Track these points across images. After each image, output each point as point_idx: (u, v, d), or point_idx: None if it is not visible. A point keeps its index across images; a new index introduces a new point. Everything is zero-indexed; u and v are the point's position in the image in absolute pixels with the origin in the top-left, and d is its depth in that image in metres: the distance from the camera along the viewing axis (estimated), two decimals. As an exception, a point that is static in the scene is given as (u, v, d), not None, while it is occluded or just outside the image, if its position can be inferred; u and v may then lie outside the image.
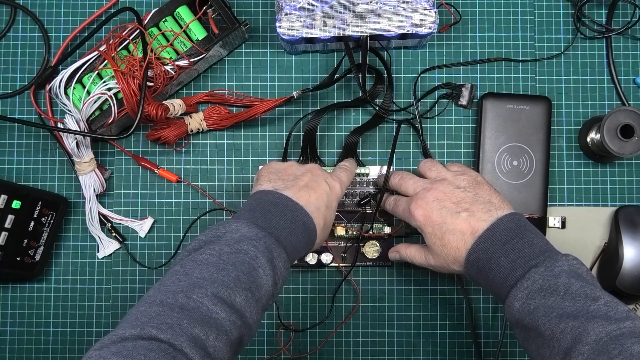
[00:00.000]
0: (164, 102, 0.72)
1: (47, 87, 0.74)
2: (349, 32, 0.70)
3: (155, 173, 0.76)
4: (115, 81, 0.70)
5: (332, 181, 0.66)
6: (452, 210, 0.62)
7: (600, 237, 0.75)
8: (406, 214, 0.65)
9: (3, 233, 0.68)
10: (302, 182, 0.63)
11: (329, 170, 0.71)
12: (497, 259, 0.58)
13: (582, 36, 0.77)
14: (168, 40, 0.73)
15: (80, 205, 0.76)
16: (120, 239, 0.75)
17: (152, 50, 0.71)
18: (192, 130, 0.74)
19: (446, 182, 0.64)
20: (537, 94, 0.76)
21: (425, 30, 0.71)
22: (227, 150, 0.76)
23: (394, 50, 0.77)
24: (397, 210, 0.67)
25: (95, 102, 0.71)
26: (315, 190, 0.63)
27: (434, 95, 0.76)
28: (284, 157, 0.75)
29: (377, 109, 0.75)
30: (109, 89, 0.71)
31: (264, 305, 0.56)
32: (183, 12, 0.73)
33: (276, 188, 0.62)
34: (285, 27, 0.70)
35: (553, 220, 0.75)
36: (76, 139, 0.70)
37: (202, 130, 0.75)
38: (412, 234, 0.74)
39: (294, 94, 0.73)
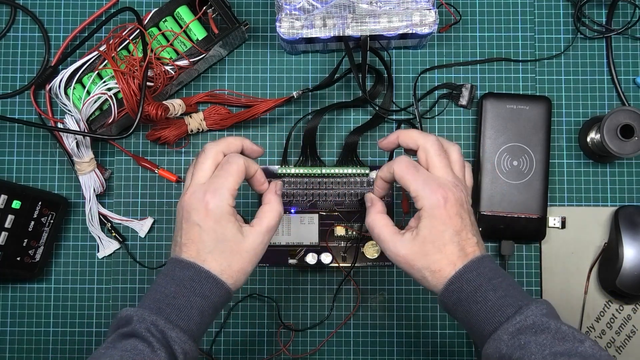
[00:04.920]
0: (164, 102, 0.72)
1: (47, 87, 0.74)
2: (349, 32, 0.70)
3: (155, 173, 0.76)
4: (115, 81, 0.70)
5: None
6: (469, 225, 0.57)
7: (600, 237, 0.75)
8: (425, 187, 0.56)
9: (3, 233, 0.68)
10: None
11: (333, 170, 0.71)
12: (484, 293, 0.55)
13: (582, 36, 0.77)
14: (168, 40, 0.73)
15: (80, 205, 0.76)
16: (120, 239, 0.75)
17: (152, 50, 0.71)
18: (192, 130, 0.74)
19: (464, 191, 0.58)
20: (537, 94, 0.76)
21: (425, 30, 0.70)
22: (227, 150, 0.76)
23: (394, 50, 0.77)
24: (406, 170, 0.57)
25: (95, 102, 0.71)
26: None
27: (434, 95, 0.76)
28: (284, 158, 0.75)
29: (377, 109, 0.75)
30: (109, 89, 0.71)
31: None
32: (183, 12, 0.73)
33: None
34: (285, 27, 0.70)
35: (553, 220, 0.75)
36: (76, 139, 0.70)
37: (202, 130, 0.75)
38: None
39: (294, 94, 0.73)
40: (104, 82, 0.71)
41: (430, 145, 0.58)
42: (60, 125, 0.71)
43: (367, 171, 0.74)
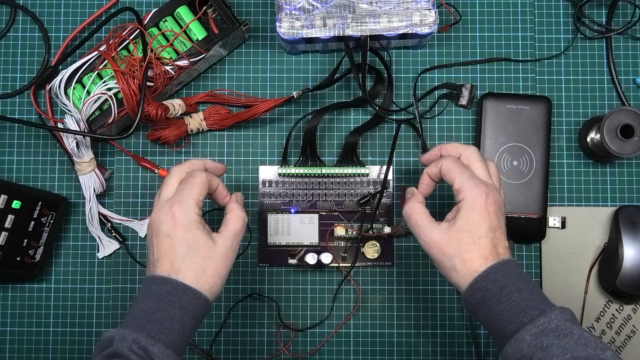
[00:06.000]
0: (164, 102, 0.72)
1: (47, 87, 0.74)
2: (349, 32, 0.70)
3: (155, 173, 0.76)
4: (115, 81, 0.70)
5: None
6: (503, 228, 0.59)
7: (600, 237, 0.75)
8: (469, 180, 0.59)
9: (3, 233, 0.68)
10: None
11: (333, 170, 0.70)
12: (509, 294, 0.56)
13: (582, 36, 0.77)
14: (168, 40, 0.73)
15: (80, 205, 0.76)
16: (120, 239, 0.75)
17: (152, 50, 0.71)
18: (192, 130, 0.74)
19: (502, 198, 0.61)
20: (537, 94, 0.77)
21: (425, 30, 0.71)
22: (227, 150, 0.76)
23: (394, 50, 0.77)
24: (453, 164, 0.60)
25: (95, 102, 0.71)
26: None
27: (434, 95, 0.76)
28: (284, 157, 0.75)
29: (377, 109, 0.75)
30: (109, 89, 0.71)
31: None
32: (183, 12, 0.73)
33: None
34: (285, 27, 0.70)
35: (553, 220, 0.75)
36: (76, 139, 0.71)
37: (202, 130, 0.75)
38: (412, 234, 0.74)
39: (294, 94, 0.73)
40: (104, 82, 0.71)
41: (473, 152, 0.62)
42: (60, 125, 0.71)
43: (367, 171, 0.74)
